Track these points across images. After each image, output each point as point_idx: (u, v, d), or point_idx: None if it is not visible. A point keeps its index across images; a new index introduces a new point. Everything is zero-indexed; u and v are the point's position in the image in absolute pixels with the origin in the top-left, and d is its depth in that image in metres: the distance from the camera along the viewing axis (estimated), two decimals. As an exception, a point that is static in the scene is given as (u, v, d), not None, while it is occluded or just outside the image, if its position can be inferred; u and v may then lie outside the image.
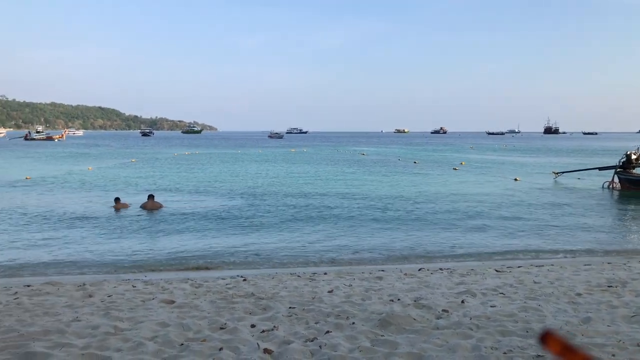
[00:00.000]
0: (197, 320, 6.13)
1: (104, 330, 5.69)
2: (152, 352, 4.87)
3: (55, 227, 15.05)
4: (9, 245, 12.80)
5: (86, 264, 11.30)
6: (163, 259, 11.79)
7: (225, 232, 14.68)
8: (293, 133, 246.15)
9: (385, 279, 9.17)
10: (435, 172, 35.82)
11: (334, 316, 6.26)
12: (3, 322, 6.14)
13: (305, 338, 5.30)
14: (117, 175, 31.98)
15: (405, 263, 11.59)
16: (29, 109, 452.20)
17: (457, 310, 6.50)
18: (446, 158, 54.71)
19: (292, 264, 11.44)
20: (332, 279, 9.20)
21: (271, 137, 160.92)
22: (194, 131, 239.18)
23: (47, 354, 4.76)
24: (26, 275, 10.40)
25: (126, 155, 57.14)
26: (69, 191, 23.60)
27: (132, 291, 8.29)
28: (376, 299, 7.28)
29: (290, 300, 7.13)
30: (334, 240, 13.69)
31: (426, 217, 17.16)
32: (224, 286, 8.57)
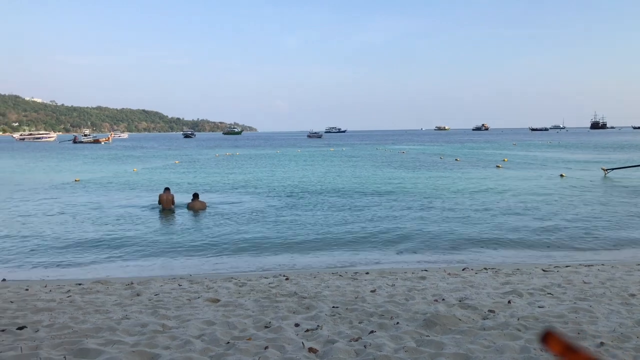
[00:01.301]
0: (242, 319, 6.21)
1: (153, 328, 5.83)
2: (200, 350, 4.96)
3: (104, 227, 15.52)
4: (61, 244, 13.27)
5: (134, 263, 11.61)
6: (207, 257, 12.00)
7: (266, 230, 14.80)
8: (332, 132, 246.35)
9: (428, 278, 9.07)
10: (478, 170, 35.17)
11: (377, 316, 6.23)
12: (57, 319, 6.37)
13: (350, 338, 5.29)
14: (161, 176, 32.73)
15: (449, 262, 11.43)
16: (77, 113, 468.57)
17: (504, 311, 6.36)
18: (488, 155, 53.64)
19: (334, 263, 11.44)
20: (374, 279, 9.16)
21: (310, 137, 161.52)
22: (235, 132, 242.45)
23: (99, 351, 4.91)
24: (77, 274, 10.76)
25: (170, 157, 58.43)
26: (116, 192, 24.30)
27: (178, 290, 8.47)
28: (420, 298, 7.20)
29: (333, 300, 7.13)
30: (375, 239, 13.62)
31: (470, 215, 16.87)
32: (267, 285, 8.65)
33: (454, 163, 42.50)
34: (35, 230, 15.18)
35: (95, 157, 59.32)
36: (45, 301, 7.69)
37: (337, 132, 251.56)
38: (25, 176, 34.42)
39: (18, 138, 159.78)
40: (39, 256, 12.20)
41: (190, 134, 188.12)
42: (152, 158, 56.90)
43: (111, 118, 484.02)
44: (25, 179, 31.92)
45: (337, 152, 65.67)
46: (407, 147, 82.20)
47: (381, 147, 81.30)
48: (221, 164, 45.93)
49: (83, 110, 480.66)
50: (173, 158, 55.51)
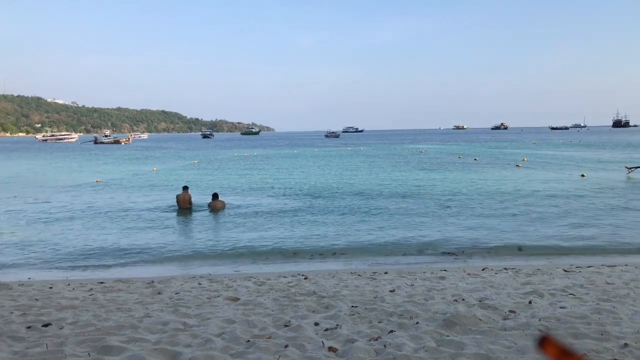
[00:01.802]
0: (262, 317, 6.25)
1: (174, 326, 5.90)
2: (220, 348, 5.00)
3: (124, 226, 15.71)
4: (83, 244, 13.47)
5: (154, 262, 11.75)
6: (226, 256, 12.08)
7: (286, 229, 14.85)
8: (349, 132, 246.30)
9: (448, 278, 9.02)
10: (498, 169, 34.84)
11: (397, 316, 6.22)
12: (81, 317, 6.48)
13: (369, 337, 5.29)
14: (181, 176, 33.03)
15: (468, 262, 11.35)
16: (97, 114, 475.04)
17: (525, 311, 6.30)
18: (508, 154, 53.09)
19: (353, 262, 11.44)
20: (393, 278, 9.14)
21: (327, 137, 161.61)
22: (252, 132, 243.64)
23: (122, 348, 4.98)
24: (99, 272, 10.93)
25: (189, 157, 58.94)
26: (136, 192, 24.59)
27: (198, 288, 8.56)
28: (439, 298, 7.17)
29: (352, 299, 7.14)
30: (394, 239, 13.58)
31: (489, 215, 16.73)
32: (286, 284, 8.69)
33: (473, 162, 42.16)
34: (58, 229, 15.44)
35: (115, 158, 60.09)
36: (68, 299, 7.82)
37: (354, 132, 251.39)
38: (49, 176, 35.01)
39: (41, 139, 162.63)
40: (62, 255, 12.40)
41: (208, 135, 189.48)
42: (171, 158, 57.46)
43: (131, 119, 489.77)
44: (48, 179, 32.47)
45: (355, 152, 65.59)
46: (425, 146, 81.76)
47: (399, 147, 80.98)
48: (239, 164, 46.18)
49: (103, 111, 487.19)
50: (192, 158, 55.97)
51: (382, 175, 32.07)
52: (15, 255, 12.38)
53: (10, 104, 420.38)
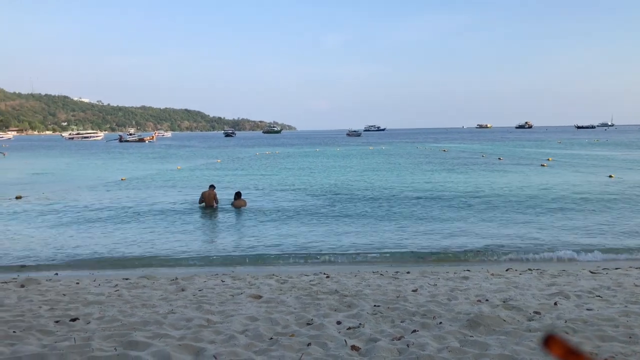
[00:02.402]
0: (284, 315, 6.27)
1: (198, 322, 5.96)
2: (244, 345, 5.04)
3: (149, 223, 15.92)
4: (108, 240, 13.69)
5: (177, 259, 11.88)
6: (248, 254, 12.16)
7: (308, 228, 14.88)
8: (371, 130, 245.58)
9: (471, 278, 8.95)
10: (522, 169, 34.36)
11: (419, 315, 6.19)
12: (107, 312, 6.60)
13: (392, 336, 5.28)
14: (204, 174, 33.34)
15: (492, 262, 11.23)
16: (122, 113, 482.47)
17: (550, 313, 6.21)
18: (532, 154, 52.32)
19: (375, 262, 11.42)
20: (415, 278, 9.10)
21: (349, 135, 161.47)
22: (274, 131, 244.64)
23: (147, 343, 5.05)
24: (124, 269, 11.10)
25: (212, 155, 59.43)
26: (160, 189, 24.89)
27: (221, 285, 8.63)
28: (463, 299, 7.12)
29: (374, 299, 7.13)
30: (416, 239, 13.51)
31: (513, 215, 16.52)
32: (308, 282, 8.71)
33: (496, 162, 41.64)
34: (84, 226, 15.72)
35: (140, 156, 60.91)
36: (94, 295, 7.97)
37: (376, 131, 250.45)
38: (75, 174, 35.66)
39: (67, 137, 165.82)
40: (88, 251, 12.62)
41: (230, 133, 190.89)
42: (194, 157, 58.00)
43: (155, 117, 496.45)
44: (75, 177, 33.08)
45: (377, 151, 65.37)
46: (448, 145, 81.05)
47: (421, 145, 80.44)
48: (261, 162, 46.41)
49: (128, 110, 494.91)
50: (215, 157, 56.43)
51: (404, 174, 31.90)
52: (43, 251, 12.65)
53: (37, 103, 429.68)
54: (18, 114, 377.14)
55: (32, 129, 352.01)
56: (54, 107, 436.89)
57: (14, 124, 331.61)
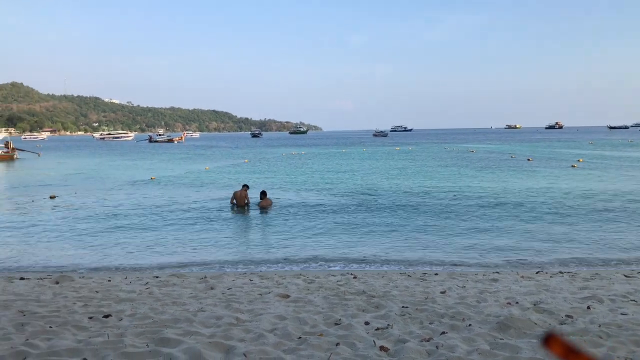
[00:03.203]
0: (312, 315, 6.30)
1: (227, 321, 6.03)
2: (273, 343, 5.08)
3: (178, 223, 16.15)
4: (138, 239, 13.94)
5: (206, 257, 12.02)
6: (276, 253, 12.23)
7: (334, 228, 14.89)
8: (397, 131, 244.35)
9: (500, 281, 8.84)
10: (552, 170, 33.74)
11: (448, 317, 6.14)
12: (139, 310, 6.72)
13: (421, 338, 5.26)
14: (232, 175, 33.66)
15: (520, 265, 11.06)
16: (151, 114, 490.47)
17: (583, 317, 6.09)
18: (562, 155, 51.31)
19: (403, 263, 11.37)
20: (443, 280, 9.03)
21: (376, 136, 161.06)
22: (300, 132, 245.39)
23: (179, 340, 5.14)
24: (154, 267, 11.28)
25: (239, 156, 59.94)
26: (189, 189, 25.23)
27: (249, 284, 8.71)
28: (492, 301, 7.04)
29: (402, 300, 7.10)
30: (444, 240, 13.39)
31: (543, 217, 16.24)
32: (335, 283, 8.73)
33: (526, 163, 40.99)
34: (115, 224, 16.03)
35: (169, 156, 61.83)
36: (126, 292, 8.13)
37: (402, 131, 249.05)
38: (107, 174, 36.40)
39: (98, 137, 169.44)
40: (119, 249, 12.88)
41: (257, 134, 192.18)
42: (222, 157, 58.59)
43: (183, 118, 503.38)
44: (106, 177, 33.77)
45: (403, 151, 64.99)
46: (476, 145, 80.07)
47: (449, 146, 79.67)
48: (288, 162, 46.61)
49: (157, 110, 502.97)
50: (242, 157, 56.89)
51: (431, 175, 31.64)
52: (76, 249, 12.95)
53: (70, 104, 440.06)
54: (52, 115, 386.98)
55: (64, 129, 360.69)
56: (85, 108, 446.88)
57: (47, 124, 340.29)
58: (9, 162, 50.61)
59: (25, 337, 5.39)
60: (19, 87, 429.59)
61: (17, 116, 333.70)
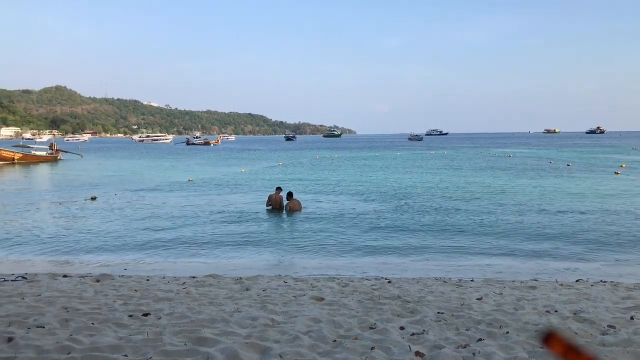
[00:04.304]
0: (347, 318, 6.31)
1: (263, 322, 6.10)
2: (308, 345, 5.12)
3: (214, 224, 16.39)
4: (175, 239, 14.21)
5: (242, 259, 12.16)
6: (310, 256, 12.27)
7: (367, 232, 14.85)
8: (433, 135, 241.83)
9: (538, 288, 8.66)
10: (593, 176, 32.81)
11: (485, 324, 6.06)
12: (176, 309, 6.86)
13: (457, 344, 5.20)
14: (267, 177, 33.96)
15: (559, 273, 10.80)
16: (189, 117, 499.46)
17: (626, 327, 5.92)
18: (603, 160, 49.84)
19: (438, 268, 11.25)
20: (480, 286, 8.90)
21: (411, 140, 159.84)
22: (334, 135, 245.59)
23: (216, 340, 5.22)
24: (190, 267, 11.47)
25: (273, 159, 60.41)
26: (225, 191, 25.58)
27: (284, 287, 8.78)
28: (530, 309, 6.90)
29: (437, 305, 7.04)
30: (480, 246, 13.20)
31: (584, 225, 15.81)
32: (370, 287, 8.71)
33: (565, 168, 39.98)
34: (153, 225, 16.39)
35: (206, 158, 62.80)
36: (164, 291, 8.30)
37: (438, 135, 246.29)
38: (145, 175, 37.25)
39: (137, 140, 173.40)
40: (157, 249, 13.15)
41: (291, 137, 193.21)
42: (257, 160, 59.16)
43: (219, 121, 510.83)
44: (145, 178, 34.55)
45: (438, 155, 64.30)
46: (513, 150, 78.53)
47: (485, 150, 78.41)
48: (321, 165, 46.70)
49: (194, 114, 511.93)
50: (277, 160, 57.31)
51: (467, 179, 31.19)
52: (115, 248, 13.30)
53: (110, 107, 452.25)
54: (93, 117, 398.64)
55: (105, 131, 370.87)
56: (125, 111, 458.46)
57: (89, 126, 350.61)
58: (53, 163, 52.33)
59: (70, 332, 5.58)
60: (62, 91, 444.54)
61: (61, 118, 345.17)
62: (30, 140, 71.88)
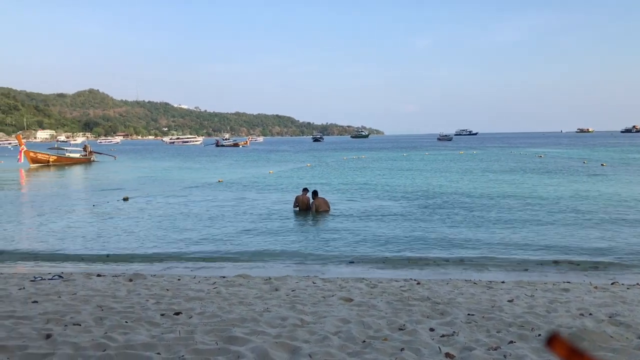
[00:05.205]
0: (376, 319, 6.30)
1: (292, 322, 6.14)
2: (337, 346, 5.13)
3: (243, 225, 16.53)
4: (206, 239, 14.39)
5: (270, 259, 12.25)
6: (338, 257, 12.28)
7: (395, 233, 14.77)
8: (462, 135, 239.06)
9: (572, 291, 8.49)
10: (630, 176, 31.96)
11: (516, 326, 5.98)
12: (207, 308, 6.96)
13: (488, 346, 5.15)
14: (295, 178, 34.10)
15: (594, 275, 10.56)
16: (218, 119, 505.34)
17: (664, 332, 5.76)
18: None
19: (467, 269, 11.14)
20: (511, 288, 8.77)
21: (440, 140, 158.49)
22: (362, 135, 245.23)
23: (246, 339, 5.29)
24: (220, 267, 11.62)
25: (301, 160, 60.61)
26: (254, 192, 25.79)
27: (312, 287, 8.81)
28: (563, 311, 6.78)
29: (468, 307, 6.97)
30: (510, 247, 13.00)
31: (621, 227, 15.42)
32: (399, 288, 8.67)
33: (599, 168, 39.03)
34: (184, 225, 16.63)
35: (235, 160, 63.43)
36: (195, 291, 8.43)
37: (467, 135, 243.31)
38: (177, 176, 37.86)
39: (168, 142, 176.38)
40: (189, 249, 13.35)
41: (319, 138, 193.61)
42: (285, 161, 59.45)
43: (248, 123, 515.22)
44: (177, 179, 35.10)
45: (467, 155, 63.53)
46: (544, 150, 77.04)
47: (515, 150, 77.15)
48: (349, 166, 46.66)
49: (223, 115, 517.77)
50: (304, 161, 57.48)
51: (497, 179, 30.73)
52: (147, 248, 13.54)
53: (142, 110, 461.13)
54: (124, 120, 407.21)
55: (136, 133, 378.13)
56: (156, 114, 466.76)
57: (120, 129, 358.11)
58: (86, 164, 53.65)
59: (104, 330, 5.72)
60: (95, 94, 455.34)
61: (93, 121, 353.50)
62: (64, 143, 73.68)
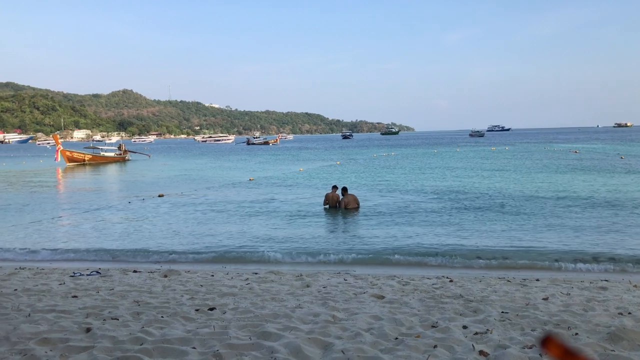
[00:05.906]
0: (408, 316, 6.29)
1: (324, 318, 6.18)
2: (370, 342, 5.14)
3: (274, 222, 16.66)
4: (244, 236, 14.55)
5: (302, 256, 12.30)
6: (369, 254, 12.26)
7: (426, 230, 14.66)
8: (494, 131, 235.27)
9: (610, 289, 8.29)
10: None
11: (552, 325, 5.88)
12: (240, 304, 7.06)
13: (522, 344, 5.08)
14: (325, 176, 34.15)
15: (634, 273, 10.29)
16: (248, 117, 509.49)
17: None
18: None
19: (500, 267, 10.99)
20: (546, 286, 8.63)
21: (472, 136, 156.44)
22: (392, 132, 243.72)
23: (279, 335, 5.35)
24: (252, 264, 11.74)
25: (331, 158, 60.61)
26: (285, 190, 25.93)
27: (344, 284, 8.84)
28: (601, 310, 6.63)
29: (501, 305, 6.88)
30: (545, 244, 12.74)
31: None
32: (431, 286, 8.62)
33: (639, 164, 37.88)
34: (216, 222, 16.85)
35: (266, 158, 63.89)
36: (228, 287, 8.56)
37: (500, 131, 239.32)
38: (209, 174, 38.37)
39: (200, 140, 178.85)
40: (222, 246, 13.51)
41: (348, 135, 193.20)
42: (315, 159, 59.53)
43: (278, 121, 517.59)
44: (209, 177, 35.58)
45: (500, 152, 62.47)
46: (579, 145, 75.14)
47: (549, 146, 75.49)
48: (379, 163, 46.46)
49: (253, 114, 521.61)
50: (334, 158, 57.48)
51: (530, 175, 30.15)
52: (192, 244, 13.75)
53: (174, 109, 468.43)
54: (157, 119, 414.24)
55: (169, 132, 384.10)
56: (188, 113, 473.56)
57: (153, 128, 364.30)
58: (121, 163, 54.88)
59: (141, 325, 5.87)
60: (129, 94, 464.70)
61: (128, 121, 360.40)
62: (100, 142, 75.67)
